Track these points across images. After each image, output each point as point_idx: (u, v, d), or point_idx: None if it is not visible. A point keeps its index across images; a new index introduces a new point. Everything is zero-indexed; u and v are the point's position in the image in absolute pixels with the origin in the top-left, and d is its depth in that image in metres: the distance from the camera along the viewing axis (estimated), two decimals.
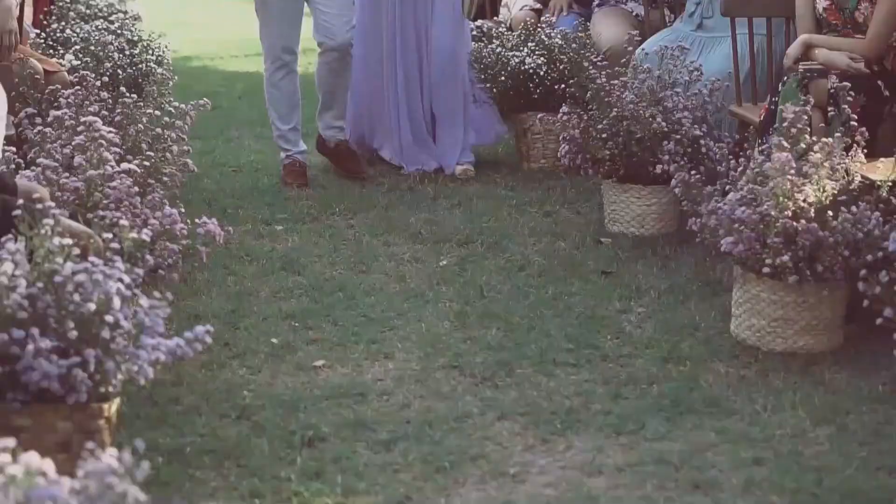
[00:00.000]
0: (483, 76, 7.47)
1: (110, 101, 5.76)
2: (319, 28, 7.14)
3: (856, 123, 5.19)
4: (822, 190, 4.85)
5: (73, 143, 4.99)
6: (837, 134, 5.08)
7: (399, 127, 7.47)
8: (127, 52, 7.44)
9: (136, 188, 4.81)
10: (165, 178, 5.38)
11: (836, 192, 4.89)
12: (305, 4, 7.18)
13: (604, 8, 7.78)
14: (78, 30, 7.64)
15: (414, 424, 4.29)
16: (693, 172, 5.37)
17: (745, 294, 4.96)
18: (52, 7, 7.97)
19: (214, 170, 7.50)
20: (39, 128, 5.31)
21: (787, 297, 4.86)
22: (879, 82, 5.99)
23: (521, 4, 8.47)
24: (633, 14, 7.69)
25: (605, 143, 6.26)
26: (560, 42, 7.44)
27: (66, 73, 6.35)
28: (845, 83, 5.44)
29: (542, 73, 7.37)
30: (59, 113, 5.34)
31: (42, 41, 7.38)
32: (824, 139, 4.97)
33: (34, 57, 6.27)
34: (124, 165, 4.92)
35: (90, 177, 4.76)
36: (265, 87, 7.29)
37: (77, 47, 7.28)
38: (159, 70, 7.15)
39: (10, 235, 3.73)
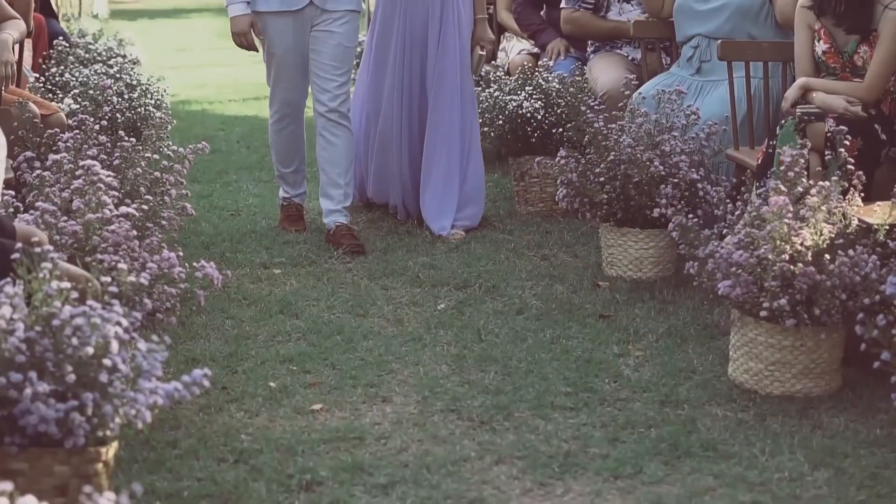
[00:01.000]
0: (481, 120, 7.49)
1: (109, 144, 5.78)
2: (313, 90, 6.93)
3: (853, 167, 5.20)
4: (819, 233, 4.86)
5: (71, 187, 5.00)
6: (834, 177, 5.09)
7: (401, 177, 7.26)
8: (126, 96, 7.47)
9: (135, 232, 4.81)
10: (164, 222, 5.39)
11: (833, 235, 4.90)
12: None
13: (600, 53, 7.82)
14: (77, 74, 7.67)
15: (412, 468, 4.28)
16: (690, 216, 5.38)
17: (743, 338, 4.97)
18: (52, 51, 8.00)
19: (213, 213, 7.50)
20: (38, 171, 5.32)
21: (784, 340, 4.86)
22: (876, 126, 6.01)
23: (518, 49, 8.52)
24: (630, 58, 7.73)
25: (603, 186, 6.27)
26: (557, 86, 7.46)
27: (62, 115, 6.36)
28: (842, 127, 5.45)
29: (539, 116, 7.40)
30: (57, 157, 5.36)
31: (41, 85, 7.40)
32: (821, 183, 4.98)
33: (31, 99, 6.29)
34: (123, 209, 4.92)
35: (88, 220, 4.77)
36: (269, 127, 7.21)
37: (76, 91, 7.30)
38: (158, 114, 7.17)
39: (8, 279, 3.74)
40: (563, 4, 7.90)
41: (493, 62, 8.30)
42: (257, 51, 6.92)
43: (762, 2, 6.88)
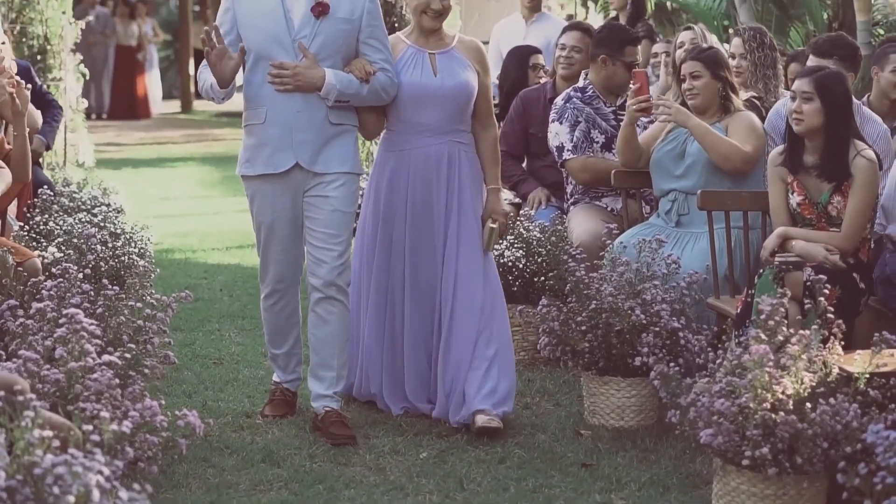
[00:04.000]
0: None
1: (92, 293, 5.79)
2: (308, 261, 6.28)
3: (832, 316, 5.24)
4: (800, 382, 4.88)
5: (54, 336, 5.02)
6: (814, 326, 5.13)
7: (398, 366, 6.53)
8: (110, 245, 7.49)
9: (117, 380, 4.82)
10: (146, 370, 5.39)
11: (814, 384, 4.92)
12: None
13: (579, 205, 7.87)
14: (61, 222, 7.70)
15: None
16: (672, 364, 5.40)
17: (725, 486, 4.96)
18: (36, 200, 8.04)
19: (195, 362, 7.50)
20: (21, 320, 5.33)
21: (767, 489, 4.86)
22: (855, 274, 6.07)
23: None
24: (609, 209, 7.79)
25: (585, 335, 6.30)
26: (538, 235, 7.52)
27: (37, 261, 6.37)
28: (821, 276, 5.50)
29: (521, 265, 7.44)
30: (41, 305, 5.37)
31: (25, 234, 7.44)
32: (801, 331, 5.01)
33: (5, 246, 6.30)
34: (105, 357, 4.93)
35: (71, 369, 4.78)
36: (260, 303, 6.51)
37: (60, 240, 7.33)
38: (141, 262, 7.19)
39: None
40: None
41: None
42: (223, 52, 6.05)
43: None
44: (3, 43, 8.67)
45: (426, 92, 6.30)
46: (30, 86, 6.50)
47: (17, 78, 6.39)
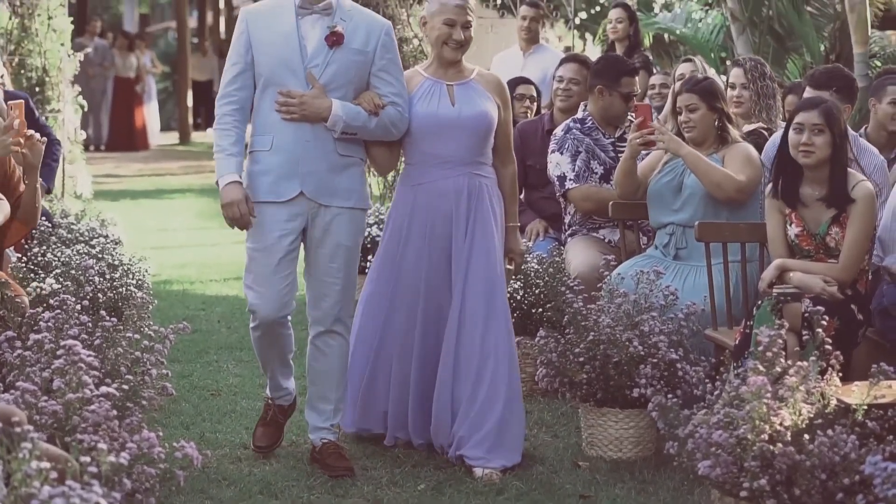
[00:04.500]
0: None
1: (90, 324, 5.79)
2: (308, 296, 6.18)
3: (830, 347, 5.24)
4: (798, 413, 4.87)
5: (52, 367, 5.01)
6: (812, 357, 5.12)
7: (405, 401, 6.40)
8: (107, 276, 7.49)
9: (115, 411, 4.81)
10: (144, 402, 5.39)
11: (812, 415, 4.91)
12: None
13: (577, 236, 7.88)
14: (59, 254, 7.70)
15: None
16: (670, 396, 5.40)
17: None
18: (34, 231, 8.04)
19: (192, 393, 7.49)
20: (19, 351, 5.33)
21: None
22: (853, 306, 6.08)
23: None
24: (606, 241, 7.80)
25: (583, 366, 6.29)
26: (536, 266, 7.53)
27: (26, 300, 6.36)
28: (819, 307, 5.50)
29: (518, 297, 7.44)
30: (38, 336, 5.37)
31: (23, 265, 7.43)
32: (799, 363, 5.01)
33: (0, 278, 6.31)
34: (103, 389, 4.92)
35: (69, 400, 4.77)
36: (250, 331, 6.26)
37: (58, 271, 7.33)
38: (139, 294, 7.19)
39: None
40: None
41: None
42: (250, 224, 6.01)
43: None
44: (3, 76, 8.69)
45: (443, 122, 6.21)
46: (44, 139, 6.50)
47: (32, 132, 6.39)
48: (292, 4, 6.04)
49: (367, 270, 6.73)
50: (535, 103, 9.38)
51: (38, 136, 6.42)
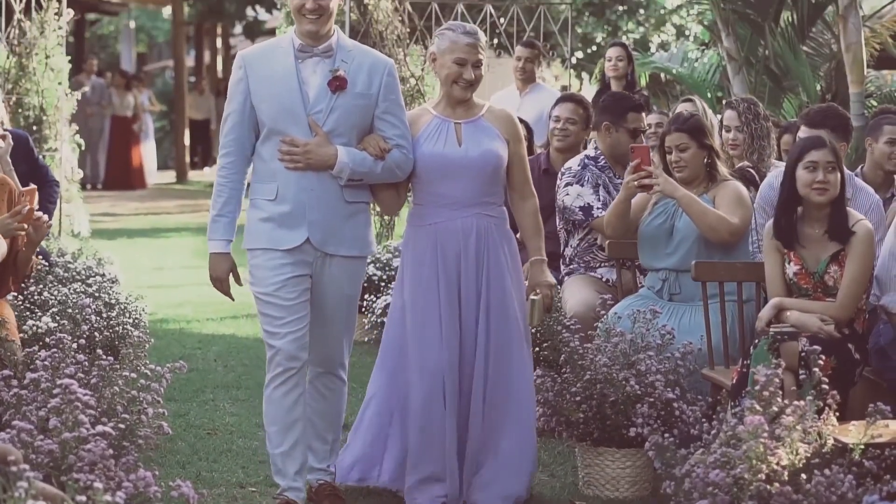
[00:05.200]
0: None
1: (86, 363, 5.78)
2: (312, 343, 6.02)
3: (827, 386, 5.24)
4: (795, 453, 4.87)
5: (48, 406, 5.00)
6: (809, 397, 5.12)
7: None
8: (104, 315, 7.49)
9: (111, 451, 4.80)
10: (140, 441, 5.38)
11: (809, 455, 4.91)
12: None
13: (574, 275, 7.88)
14: (56, 292, 7.70)
15: None
16: (666, 435, 5.39)
17: None
18: (30, 270, 8.04)
19: (189, 432, 7.48)
20: (15, 390, 5.32)
21: None
22: (850, 345, 6.08)
23: None
24: (604, 280, 7.79)
25: (579, 405, 6.29)
26: None
27: (17, 342, 6.35)
28: (815, 346, 5.50)
29: None
30: (35, 375, 5.37)
31: (20, 303, 7.43)
32: (796, 402, 5.01)
33: None
34: (99, 428, 4.91)
35: (65, 439, 4.76)
36: (264, 391, 6.05)
37: (54, 310, 7.33)
38: (136, 333, 7.18)
39: None
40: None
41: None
42: (233, 299, 6.17)
43: None
44: (3, 122, 8.70)
45: (450, 162, 6.05)
46: (51, 223, 6.58)
47: (41, 214, 6.48)
48: (291, 46, 5.91)
49: (363, 310, 6.68)
50: (527, 142, 9.38)
51: (45, 217, 6.49)
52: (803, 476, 4.81)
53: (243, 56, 6.00)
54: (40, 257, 8.41)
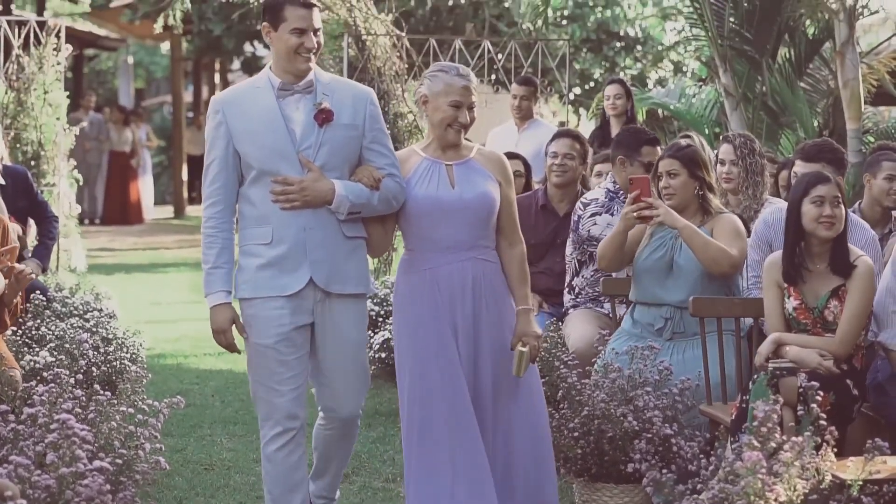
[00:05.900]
0: None
1: (84, 398, 5.78)
2: (324, 395, 5.86)
3: (826, 422, 5.23)
4: (793, 489, 4.86)
5: (45, 441, 4.99)
6: (808, 433, 5.12)
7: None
8: (102, 350, 7.49)
9: (108, 486, 4.80)
10: (137, 476, 5.37)
11: (807, 491, 4.90)
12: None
13: (579, 309, 7.89)
14: (53, 327, 7.70)
15: None
16: (664, 471, 5.38)
17: None
18: (28, 305, 8.05)
19: (186, 467, 7.46)
20: (13, 425, 5.31)
21: None
22: (849, 381, 6.08)
23: None
24: (608, 315, 7.76)
25: (577, 441, 6.28)
26: None
27: (17, 373, 6.34)
28: (814, 382, 5.50)
29: None
30: (32, 410, 5.36)
31: (18, 338, 7.43)
32: (795, 438, 5.00)
33: None
34: (97, 463, 4.91)
35: (62, 474, 4.76)
36: (262, 452, 5.80)
37: (52, 345, 7.33)
38: (133, 368, 7.16)
39: None
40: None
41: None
42: (239, 352, 5.87)
43: None
44: (1, 157, 8.73)
45: (443, 205, 5.79)
46: (33, 275, 6.61)
47: (22, 268, 6.53)
48: (269, 86, 5.72)
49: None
50: (524, 178, 9.42)
51: (28, 270, 6.51)
52: None
53: (219, 101, 5.79)
54: (38, 292, 8.42)
